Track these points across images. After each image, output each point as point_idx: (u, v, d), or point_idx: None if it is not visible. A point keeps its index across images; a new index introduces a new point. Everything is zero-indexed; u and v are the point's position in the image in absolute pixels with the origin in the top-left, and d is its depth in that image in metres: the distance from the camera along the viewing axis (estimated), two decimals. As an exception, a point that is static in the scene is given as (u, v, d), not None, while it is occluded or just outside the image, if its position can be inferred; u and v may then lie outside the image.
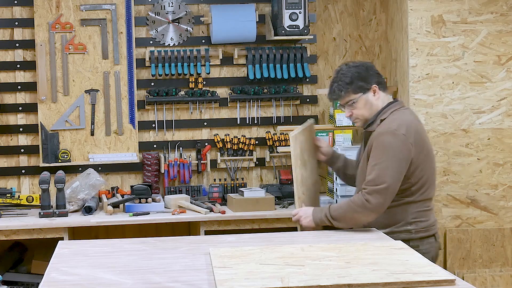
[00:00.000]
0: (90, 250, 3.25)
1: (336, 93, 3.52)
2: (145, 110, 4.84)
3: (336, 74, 3.56)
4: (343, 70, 3.53)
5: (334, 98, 3.58)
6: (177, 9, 4.82)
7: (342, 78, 3.50)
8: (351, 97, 3.48)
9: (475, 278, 4.44)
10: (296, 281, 2.56)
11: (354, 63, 3.57)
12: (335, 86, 3.52)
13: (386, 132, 3.35)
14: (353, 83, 3.48)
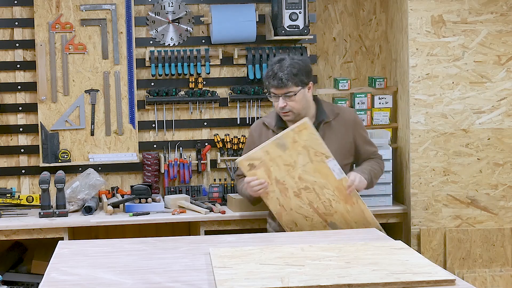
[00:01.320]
0: (90, 250, 3.25)
1: (283, 82, 3.56)
2: (145, 110, 4.84)
3: (279, 63, 3.59)
4: (288, 61, 3.58)
5: (280, 86, 3.58)
6: (177, 9, 4.82)
7: (289, 69, 3.56)
8: (293, 89, 3.58)
9: (475, 278, 4.44)
10: (296, 281, 2.56)
11: (296, 56, 3.67)
12: (282, 75, 3.55)
13: (354, 112, 3.87)
14: (298, 76, 3.59)
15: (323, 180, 3.48)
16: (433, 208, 4.46)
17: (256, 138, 3.78)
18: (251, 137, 3.86)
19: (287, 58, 3.64)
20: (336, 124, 3.69)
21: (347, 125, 3.71)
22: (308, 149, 3.47)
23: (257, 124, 3.89)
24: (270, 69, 3.63)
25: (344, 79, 4.65)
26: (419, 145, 4.44)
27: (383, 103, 4.69)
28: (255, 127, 3.88)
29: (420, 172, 4.45)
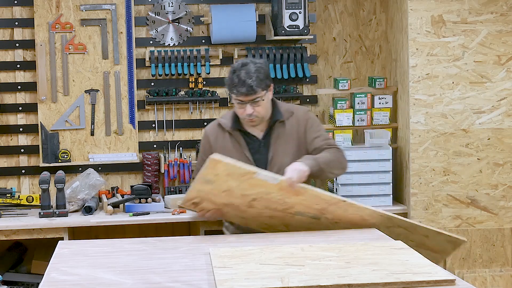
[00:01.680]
0: (90, 250, 3.25)
1: (254, 89, 3.44)
2: (145, 110, 4.84)
3: (244, 69, 3.46)
4: (252, 66, 3.47)
5: (249, 93, 3.44)
6: (177, 9, 4.82)
7: (256, 74, 3.45)
8: (260, 94, 3.48)
9: (475, 278, 4.44)
10: (296, 281, 2.56)
11: (257, 59, 3.56)
12: (251, 82, 3.43)
13: (308, 111, 3.71)
14: (265, 80, 3.49)
15: (264, 189, 3.42)
16: (433, 208, 4.46)
17: (212, 140, 3.65)
18: (207, 140, 3.69)
19: (250, 62, 3.51)
20: (289, 123, 3.61)
21: (300, 123, 3.62)
22: (232, 175, 3.41)
23: (212, 126, 3.72)
24: (236, 76, 3.46)
25: (344, 79, 4.65)
26: (419, 145, 4.44)
27: (383, 103, 4.69)
28: (211, 129, 3.70)
29: (420, 172, 4.45)
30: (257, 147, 3.59)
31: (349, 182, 4.46)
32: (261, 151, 3.59)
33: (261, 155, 3.58)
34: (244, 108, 3.49)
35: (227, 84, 3.52)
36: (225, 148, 3.58)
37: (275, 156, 3.57)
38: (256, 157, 3.58)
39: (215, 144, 3.62)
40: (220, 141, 3.62)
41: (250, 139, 3.60)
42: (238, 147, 3.58)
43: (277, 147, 3.58)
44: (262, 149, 3.59)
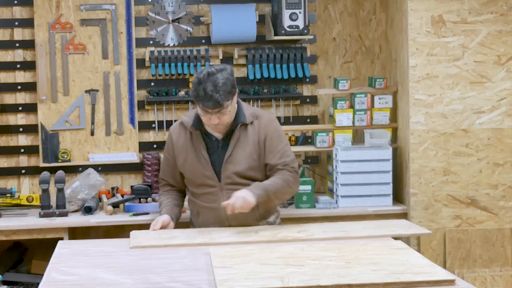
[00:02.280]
0: (90, 250, 3.25)
1: (220, 103, 3.39)
2: (145, 110, 4.84)
3: (210, 81, 3.39)
4: (219, 78, 3.40)
5: (216, 107, 3.41)
6: (177, 9, 4.82)
7: (223, 88, 3.40)
8: (227, 106, 3.44)
9: (475, 278, 4.44)
10: (296, 281, 2.56)
11: (219, 66, 3.49)
12: (218, 97, 3.37)
13: (273, 119, 3.67)
14: (231, 92, 3.45)
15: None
16: (433, 208, 4.46)
17: (174, 139, 3.65)
18: (170, 138, 3.71)
19: (217, 72, 3.43)
20: (252, 127, 3.60)
21: (261, 130, 3.60)
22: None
23: (176, 124, 3.72)
24: (202, 89, 3.39)
25: (344, 79, 4.65)
26: (419, 145, 4.44)
27: (383, 103, 4.69)
28: (174, 128, 3.71)
29: (420, 172, 4.44)
30: (215, 147, 3.60)
31: (349, 182, 4.46)
32: (219, 153, 3.60)
33: (218, 156, 3.59)
34: (209, 117, 3.46)
35: (193, 96, 3.45)
36: (185, 147, 3.63)
37: (231, 158, 3.57)
38: (213, 157, 3.59)
39: (176, 142, 3.66)
40: (182, 140, 3.64)
41: (210, 139, 3.61)
42: (197, 147, 3.60)
43: (236, 149, 3.58)
44: (220, 150, 3.60)
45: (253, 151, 3.60)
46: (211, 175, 3.59)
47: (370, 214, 4.43)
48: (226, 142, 3.60)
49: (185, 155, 3.64)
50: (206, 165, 3.59)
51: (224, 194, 3.58)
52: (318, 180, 4.93)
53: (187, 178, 3.70)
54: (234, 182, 3.58)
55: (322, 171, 4.94)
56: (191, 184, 3.70)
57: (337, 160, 4.49)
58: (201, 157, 3.59)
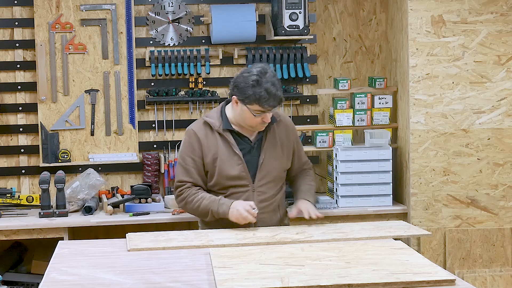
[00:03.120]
0: (90, 250, 3.25)
1: (282, 99, 3.50)
2: (145, 110, 4.84)
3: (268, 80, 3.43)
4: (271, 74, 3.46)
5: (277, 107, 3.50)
6: (177, 9, 4.82)
7: (279, 84, 3.47)
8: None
9: (475, 278, 4.44)
10: (296, 281, 2.56)
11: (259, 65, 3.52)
12: (280, 94, 3.46)
13: (292, 122, 3.77)
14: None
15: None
16: (433, 208, 4.46)
17: (202, 138, 3.58)
18: (195, 138, 3.59)
19: (268, 69, 3.48)
20: (278, 128, 3.64)
21: (288, 129, 3.69)
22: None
23: (198, 125, 3.64)
24: (264, 89, 3.40)
25: (344, 79, 4.65)
26: (419, 145, 4.44)
27: (383, 103, 4.69)
28: (198, 128, 3.61)
29: (420, 172, 4.45)
30: (249, 148, 3.60)
31: (349, 182, 4.46)
32: (253, 153, 3.60)
33: (252, 157, 3.60)
34: (262, 116, 3.49)
35: (252, 99, 3.43)
36: (214, 148, 3.58)
37: (266, 160, 3.60)
38: (246, 158, 3.59)
39: (205, 141, 3.59)
40: (210, 140, 3.59)
41: (242, 140, 3.60)
42: (229, 146, 3.58)
43: (268, 150, 3.61)
44: (253, 151, 3.60)
45: (283, 153, 3.65)
46: (245, 176, 3.57)
47: (370, 214, 4.43)
48: (258, 143, 3.60)
49: (215, 155, 3.57)
50: (241, 166, 3.56)
51: (255, 195, 3.58)
52: (318, 180, 4.93)
53: (215, 180, 3.60)
54: (267, 182, 3.61)
55: (322, 171, 4.94)
56: (218, 184, 3.60)
57: (337, 160, 4.49)
58: (236, 157, 3.56)
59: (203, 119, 3.65)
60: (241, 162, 3.56)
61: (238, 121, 3.57)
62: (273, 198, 3.65)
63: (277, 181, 3.66)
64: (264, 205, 3.60)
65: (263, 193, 3.60)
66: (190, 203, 3.59)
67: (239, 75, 3.52)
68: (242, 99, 3.47)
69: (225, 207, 3.49)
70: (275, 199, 3.66)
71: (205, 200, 3.55)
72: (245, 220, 3.46)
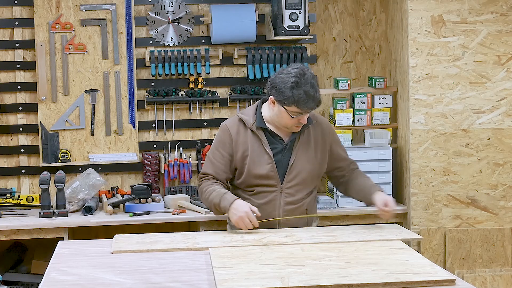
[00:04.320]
0: (90, 250, 3.25)
1: (321, 101, 3.48)
2: (145, 110, 4.84)
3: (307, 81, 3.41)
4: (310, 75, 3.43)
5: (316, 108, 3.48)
6: (177, 9, 4.82)
7: (317, 86, 3.45)
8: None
9: (475, 278, 4.44)
10: (296, 281, 2.56)
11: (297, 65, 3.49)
12: (318, 96, 3.44)
13: (331, 125, 3.76)
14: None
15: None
16: (433, 208, 4.46)
17: (233, 134, 3.58)
18: (227, 133, 3.60)
19: (306, 70, 3.45)
20: (314, 130, 3.62)
21: (324, 132, 3.65)
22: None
23: (233, 121, 3.65)
24: (303, 92, 3.38)
25: (344, 79, 4.65)
26: (419, 145, 4.44)
27: (383, 103, 4.69)
28: (231, 123, 3.63)
29: (420, 172, 4.45)
30: (281, 148, 3.57)
31: (349, 182, 4.46)
32: (284, 153, 3.57)
33: (283, 158, 3.57)
34: (299, 118, 3.47)
35: (291, 100, 3.40)
36: (246, 144, 3.56)
37: (297, 161, 3.56)
38: (277, 158, 3.56)
39: (236, 138, 3.58)
40: (242, 137, 3.58)
41: (275, 139, 3.58)
42: (260, 144, 3.55)
43: (300, 152, 3.57)
44: (285, 151, 3.57)
45: (317, 156, 3.60)
46: (274, 175, 3.55)
47: (370, 214, 4.43)
48: (291, 143, 3.57)
49: (245, 152, 3.55)
50: (271, 165, 3.54)
51: (282, 196, 3.56)
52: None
53: (244, 177, 3.57)
54: (296, 184, 3.57)
55: (322, 171, 4.93)
56: (246, 182, 3.58)
57: (337, 160, 4.49)
58: (266, 156, 3.54)
59: (238, 115, 3.66)
60: (271, 161, 3.54)
61: (274, 121, 3.55)
62: (301, 202, 3.60)
63: (307, 184, 3.61)
64: (291, 207, 3.56)
65: (290, 195, 3.56)
66: (203, 193, 3.59)
67: (277, 75, 3.48)
68: (280, 100, 3.45)
69: (226, 203, 3.45)
70: (303, 202, 3.60)
71: (214, 192, 3.52)
72: (244, 227, 3.41)
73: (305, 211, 3.62)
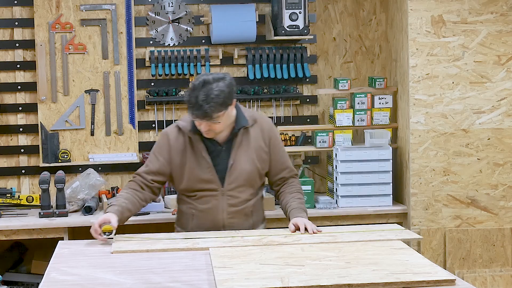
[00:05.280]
0: (90, 250, 3.25)
1: (209, 114, 3.34)
2: (145, 110, 4.84)
3: (204, 91, 3.34)
4: (214, 89, 3.34)
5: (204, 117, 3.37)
6: (177, 9, 4.82)
7: (215, 100, 3.33)
8: (217, 117, 3.39)
9: (475, 278, 4.44)
10: (296, 281, 2.56)
11: (218, 75, 3.42)
12: (208, 108, 3.32)
13: (273, 125, 3.70)
14: (224, 103, 3.38)
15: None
16: (433, 208, 4.46)
17: (172, 142, 3.57)
18: (166, 139, 3.60)
19: (213, 83, 3.35)
20: (253, 131, 3.59)
21: (264, 132, 3.61)
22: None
23: (172, 128, 3.63)
24: (194, 96, 3.34)
25: (344, 79, 4.65)
26: (419, 145, 4.44)
27: (383, 103, 4.69)
28: (171, 131, 3.62)
29: (420, 172, 4.45)
30: (218, 152, 3.56)
31: (349, 182, 4.46)
32: (222, 156, 3.56)
33: (222, 160, 3.55)
34: (200, 123, 3.43)
35: (185, 100, 3.42)
36: (183, 152, 3.56)
37: (236, 163, 3.55)
38: (216, 161, 3.55)
39: (174, 145, 3.58)
40: (180, 144, 3.57)
41: (211, 143, 3.55)
42: (198, 150, 3.54)
43: (239, 154, 3.55)
44: (223, 154, 3.56)
45: (256, 156, 3.59)
46: (214, 179, 3.54)
47: (370, 214, 4.43)
48: (229, 146, 3.56)
49: (183, 160, 3.56)
50: (209, 170, 3.54)
51: (225, 198, 3.56)
52: (318, 180, 4.94)
53: (185, 183, 3.59)
54: (237, 186, 3.56)
55: (322, 171, 4.94)
56: (187, 188, 3.60)
57: (337, 160, 4.49)
58: (203, 161, 3.54)
59: (176, 122, 3.65)
60: (209, 165, 3.53)
61: None
62: (245, 203, 3.59)
63: (250, 185, 3.60)
64: (235, 209, 3.56)
65: (233, 197, 3.55)
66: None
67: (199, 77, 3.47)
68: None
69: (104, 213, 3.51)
70: (248, 204, 3.60)
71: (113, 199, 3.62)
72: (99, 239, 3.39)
73: (251, 212, 3.62)
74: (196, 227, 3.59)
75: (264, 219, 3.77)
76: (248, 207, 3.60)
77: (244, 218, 3.59)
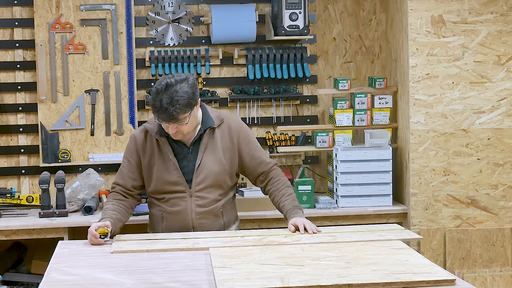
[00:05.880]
0: (90, 250, 3.26)
1: (174, 116, 3.34)
2: (145, 110, 4.84)
3: (167, 93, 3.33)
4: (177, 91, 3.34)
5: (170, 120, 3.36)
6: (177, 9, 4.82)
7: (180, 102, 3.32)
8: (183, 118, 3.38)
9: (475, 278, 4.44)
10: (296, 281, 2.56)
11: (179, 77, 3.40)
12: (173, 110, 3.32)
13: (241, 122, 3.69)
14: (189, 104, 3.38)
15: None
16: (433, 208, 4.46)
17: (139, 145, 3.58)
18: (134, 143, 3.60)
19: (176, 85, 3.34)
20: (220, 131, 3.59)
21: (232, 131, 3.61)
22: None
23: (139, 131, 3.63)
24: (158, 100, 3.32)
25: (344, 79, 4.65)
26: (419, 145, 4.44)
27: (383, 103, 4.69)
28: (138, 133, 3.62)
29: (420, 172, 4.45)
30: (185, 153, 3.56)
31: (349, 182, 4.46)
32: (189, 158, 3.56)
33: (189, 162, 3.55)
34: (166, 125, 3.42)
35: (150, 105, 3.42)
36: (151, 154, 3.57)
37: (203, 164, 3.54)
38: (183, 163, 3.55)
39: (142, 148, 3.58)
40: (148, 146, 3.57)
41: (178, 145, 3.56)
42: (165, 152, 3.54)
43: (206, 154, 3.55)
44: (190, 156, 3.56)
45: (223, 156, 3.58)
46: (181, 181, 3.54)
47: (370, 214, 4.43)
48: (196, 147, 3.56)
49: (151, 162, 3.56)
50: (176, 172, 3.53)
51: (193, 200, 3.55)
52: (318, 180, 4.94)
53: (153, 185, 3.59)
54: (205, 187, 3.56)
55: (322, 171, 4.94)
56: (156, 190, 3.60)
57: (337, 160, 4.49)
58: (170, 163, 3.53)
59: (144, 125, 3.64)
60: (176, 167, 3.53)
61: None
62: (214, 204, 3.58)
63: (219, 186, 3.59)
64: (203, 210, 3.56)
65: (201, 198, 3.55)
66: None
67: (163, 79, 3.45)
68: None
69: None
70: (217, 205, 3.59)
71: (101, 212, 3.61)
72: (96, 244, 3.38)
73: (220, 213, 3.61)
74: (166, 229, 3.59)
75: (236, 219, 3.77)
76: (218, 208, 3.60)
77: (213, 219, 3.59)
